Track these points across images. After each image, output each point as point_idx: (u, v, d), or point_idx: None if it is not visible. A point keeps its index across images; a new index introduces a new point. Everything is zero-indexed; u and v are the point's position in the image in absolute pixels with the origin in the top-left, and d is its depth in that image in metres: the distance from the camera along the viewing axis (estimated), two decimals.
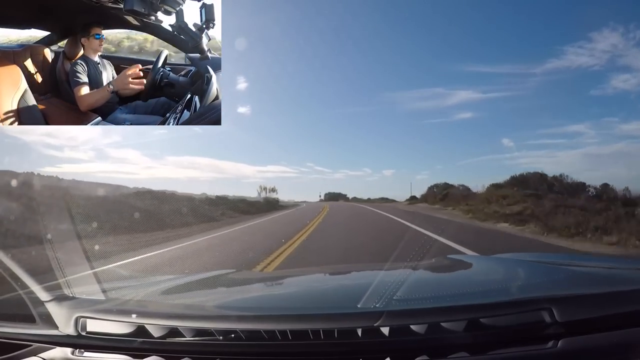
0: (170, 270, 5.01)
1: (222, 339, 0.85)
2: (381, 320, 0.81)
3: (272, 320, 0.88)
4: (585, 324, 0.81)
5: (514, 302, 0.89)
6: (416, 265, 1.41)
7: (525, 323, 0.81)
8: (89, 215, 8.51)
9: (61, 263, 1.34)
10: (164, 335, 0.87)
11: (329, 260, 5.46)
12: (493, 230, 9.69)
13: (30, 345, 0.95)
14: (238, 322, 0.88)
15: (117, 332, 0.90)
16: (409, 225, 10.33)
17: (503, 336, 0.81)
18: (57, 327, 0.94)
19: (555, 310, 0.80)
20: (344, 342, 0.82)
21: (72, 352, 0.93)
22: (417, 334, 0.80)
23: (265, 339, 0.83)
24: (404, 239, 7.06)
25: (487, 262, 1.73)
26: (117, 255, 5.85)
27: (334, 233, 9.41)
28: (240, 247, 7.10)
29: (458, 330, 0.79)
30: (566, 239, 7.34)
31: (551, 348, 0.78)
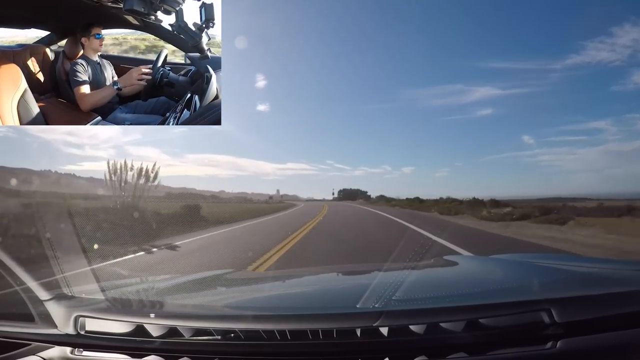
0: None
1: (221, 339, 0.85)
2: (380, 320, 0.81)
3: (271, 320, 0.88)
4: (584, 325, 0.81)
5: (513, 303, 0.88)
6: (415, 265, 1.41)
7: (524, 324, 0.81)
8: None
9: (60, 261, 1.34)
10: (163, 334, 0.87)
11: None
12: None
13: (29, 344, 0.95)
14: (237, 322, 0.88)
15: (116, 331, 0.90)
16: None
17: (502, 337, 0.81)
18: (56, 326, 0.94)
19: (554, 311, 0.80)
20: (342, 342, 0.82)
21: (71, 352, 0.93)
22: (416, 334, 0.80)
23: (264, 339, 0.83)
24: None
25: (486, 263, 1.72)
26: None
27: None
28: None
29: (457, 330, 0.79)
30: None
31: (550, 349, 0.78)
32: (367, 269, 1.90)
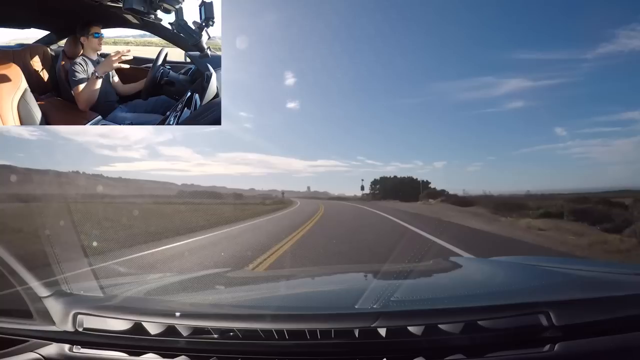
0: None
1: (218, 338, 0.85)
2: (378, 321, 0.81)
3: (269, 320, 0.88)
4: (582, 328, 0.80)
5: (512, 305, 0.88)
6: (414, 267, 1.41)
7: (523, 326, 0.81)
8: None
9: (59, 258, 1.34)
10: (161, 333, 0.87)
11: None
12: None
13: (27, 341, 0.95)
14: (235, 321, 0.88)
15: (114, 329, 0.90)
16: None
17: (500, 339, 0.81)
18: (54, 323, 0.95)
19: (552, 314, 0.80)
20: (340, 342, 0.82)
21: (69, 349, 0.93)
22: (414, 336, 0.80)
23: (262, 338, 0.83)
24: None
25: (485, 265, 1.72)
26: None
27: None
28: None
29: (455, 332, 0.79)
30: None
31: (548, 352, 0.77)
32: (366, 270, 1.90)
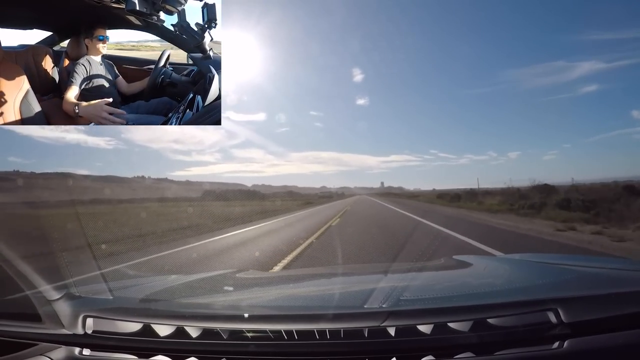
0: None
1: (228, 339, 0.85)
2: (387, 320, 0.81)
3: (278, 320, 0.89)
4: (591, 325, 0.81)
5: (520, 303, 0.89)
6: (422, 265, 1.41)
7: (532, 324, 0.81)
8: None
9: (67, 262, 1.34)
10: (170, 334, 0.87)
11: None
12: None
13: (36, 344, 0.95)
14: (244, 322, 0.88)
15: (123, 331, 0.90)
16: None
17: (509, 336, 0.81)
18: (63, 326, 0.94)
19: (561, 311, 0.80)
20: (350, 342, 0.82)
21: (79, 352, 0.93)
22: (423, 334, 0.80)
23: (272, 339, 0.83)
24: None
25: (493, 263, 1.72)
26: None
27: None
28: None
29: (464, 330, 0.80)
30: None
31: (557, 349, 0.78)
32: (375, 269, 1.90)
